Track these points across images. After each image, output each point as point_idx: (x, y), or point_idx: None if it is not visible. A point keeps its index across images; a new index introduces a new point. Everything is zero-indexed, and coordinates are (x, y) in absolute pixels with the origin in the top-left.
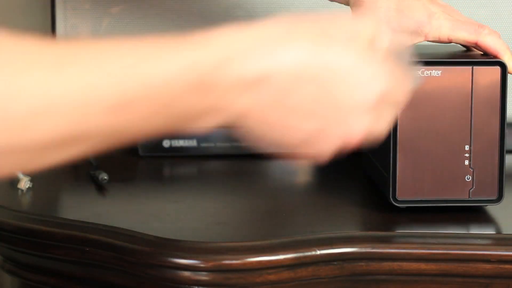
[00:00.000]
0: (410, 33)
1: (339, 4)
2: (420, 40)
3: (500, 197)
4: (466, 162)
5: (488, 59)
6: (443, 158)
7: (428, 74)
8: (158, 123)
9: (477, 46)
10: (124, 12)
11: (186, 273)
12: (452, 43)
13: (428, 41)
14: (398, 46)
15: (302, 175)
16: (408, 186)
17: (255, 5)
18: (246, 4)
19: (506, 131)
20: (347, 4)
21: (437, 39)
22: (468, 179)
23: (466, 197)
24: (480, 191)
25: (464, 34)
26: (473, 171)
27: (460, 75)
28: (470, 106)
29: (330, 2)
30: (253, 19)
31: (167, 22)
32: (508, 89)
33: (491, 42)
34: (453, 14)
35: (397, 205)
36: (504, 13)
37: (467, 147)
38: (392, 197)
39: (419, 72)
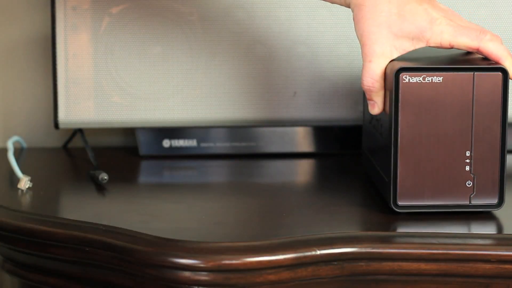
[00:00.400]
0: (412, 39)
1: (340, 6)
2: (421, 46)
3: (500, 203)
4: (467, 168)
5: (490, 65)
6: (444, 163)
7: (429, 80)
8: None
9: (478, 52)
10: (124, 12)
11: (186, 273)
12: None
13: (429, 46)
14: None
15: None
16: (409, 191)
17: (255, 5)
18: (246, 4)
19: (507, 136)
20: (348, 6)
21: (438, 45)
22: (469, 184)
23: (466, 203)
24: (481, 197)
25: (466, 40)
26: (474, 176)
27: (461, 81)
28: (471, 112)
29: (331, 4)
30: (253, 19)
31: (167, 22)
32: (509, 95)
33: (492, 48)
34: (455, 19)
35: (397, 210)
36: (504, 13)
37: (468, 153)
38: (392, 202)
39: (421, 78)
